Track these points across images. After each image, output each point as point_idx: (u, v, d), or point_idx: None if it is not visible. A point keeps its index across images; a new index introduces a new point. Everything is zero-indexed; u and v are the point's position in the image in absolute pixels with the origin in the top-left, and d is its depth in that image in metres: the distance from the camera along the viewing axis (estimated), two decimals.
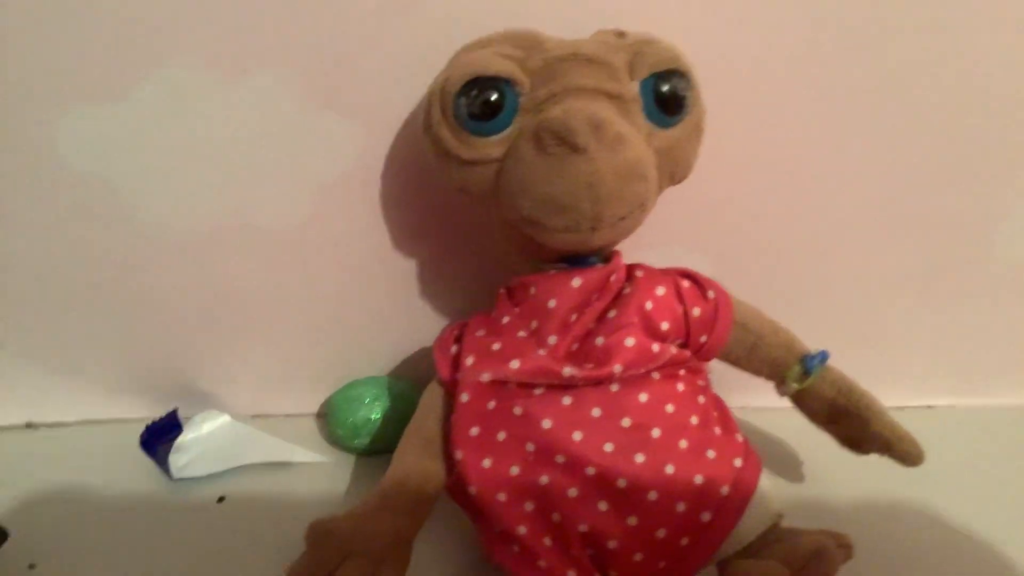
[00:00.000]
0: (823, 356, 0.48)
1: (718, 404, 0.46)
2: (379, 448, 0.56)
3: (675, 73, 0.42)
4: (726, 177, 0.54)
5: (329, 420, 0.58)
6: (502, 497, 0.41)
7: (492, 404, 0.42)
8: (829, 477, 0.54)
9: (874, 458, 0.49)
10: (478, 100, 0.40)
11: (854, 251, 0.59)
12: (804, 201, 0.57)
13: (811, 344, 0.49)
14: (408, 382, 0.59)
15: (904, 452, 0.46)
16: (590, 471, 0.40)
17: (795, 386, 0.48)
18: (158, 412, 0.60)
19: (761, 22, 0.52)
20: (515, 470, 0.41)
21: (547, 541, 0.40)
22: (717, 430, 0.43)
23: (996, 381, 0.64)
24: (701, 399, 0.44)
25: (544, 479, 0.40)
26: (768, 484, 0.43)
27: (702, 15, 0.51)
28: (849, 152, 0.56)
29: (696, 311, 0.46)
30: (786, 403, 0.51)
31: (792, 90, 0.54)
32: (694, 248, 0.58)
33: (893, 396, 0.48)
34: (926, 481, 0.48)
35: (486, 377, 0.42)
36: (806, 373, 0.48)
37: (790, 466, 0.56)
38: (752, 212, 0.58)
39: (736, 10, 0.51)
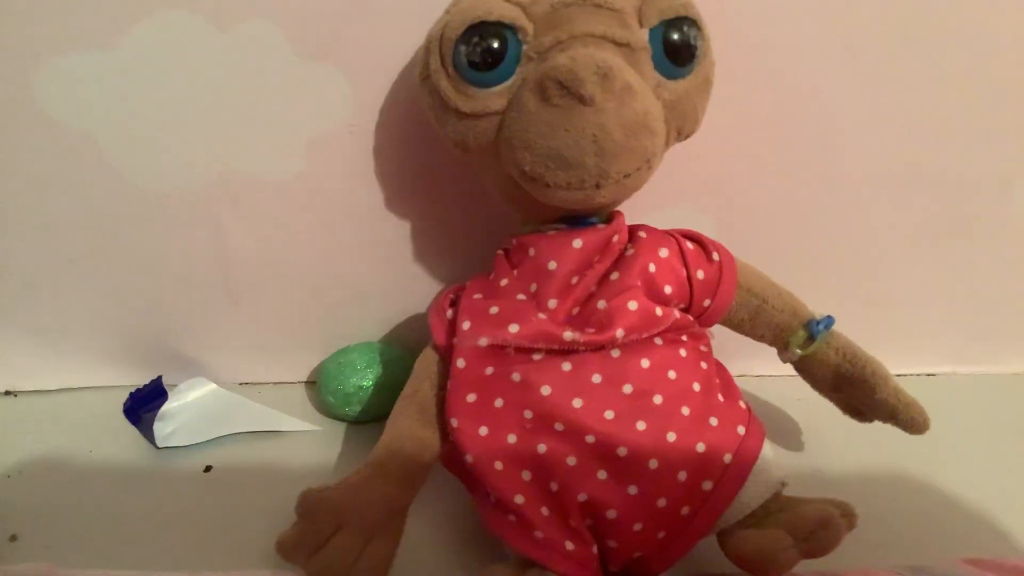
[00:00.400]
0: (828, 321, 0.47)
1: (720, 370, 0.45)
2: (371, 416, 0.55)
3: (686, 20, 0.40)
4: (729, 135, 0.53)
5: (320, 387, 0.57)
6: (499, 466, 0.39)
7: (489, 370, 0.41)
8: (830, 446, 0.53)
9: (876, 426, 0.48)
10: (479, 48, 0.38)
11: (860, 213, 0.58)
12: (809, 161, 0.56)
13: (812, 308, 0.48)
14: (401, 349, 0.58)
15: (910, 419, 0.45)
16: (590, 439, 0.39)
17: (799, 352, 0.47)
18: (141, 380, 0.58)
19: None
20: (512, 438, 0.40)
21: (545, 511, 0.39)
22: (720, 397, 0.42)
23: (998, 348, 0.63)
24: (704, 365, 0.43)
25: (542, 447, 0.39)
26: (771, 452, 0.42)
27: None
28: (857, 111, 0.54)
29: (700, 274, 0.44)
30: (787, 370, 0.50)
31: (801, 45, 0.52)
32: (695, 209, 0.57)
33: (894, 363, 0.47)
34: (928, 449, 0.48)
35: (483, 342, 0.41)
36: (811, 339, 0.47)
37: (791, 434, 0.55)
38: (756, 172, 0.56)
39: None
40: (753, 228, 0.57)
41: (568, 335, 0.40)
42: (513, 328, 0.41)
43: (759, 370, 0.58)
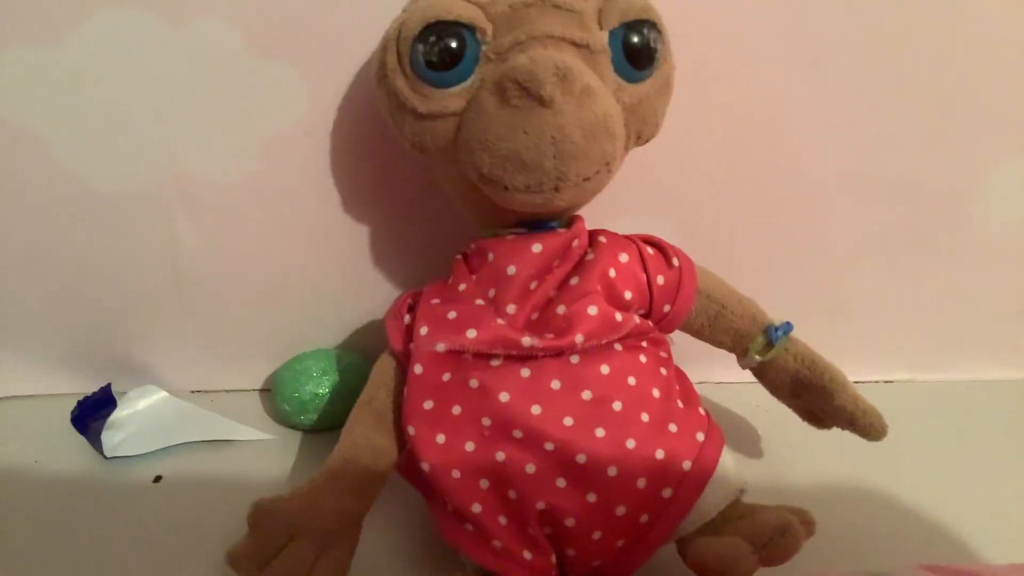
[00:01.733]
0: (787, 328, 0.47)
1: (680, 377, 0.45)
2: (327, 424, 0.54)
3: (646, 23, 0.39)
4: (690, 142, 0.53)
5: (275, 395, 0.56)
6: (456, 474, 0.39)
7: (447, 376, 0.40)
8: (789, 452, 0.53)
9: (834, 432, 0.48)
10: (437, 47, 0.38)
11: (819, 221, 0.58)
12: (769, 169, 0.56)
13: (771, 315, 0.48)
14: (358, 355, 0.57)
15: (867, 425, 0.45)
16: (549, 446, 0.38)
17: (758, 358, 0.47)
18: (89, 387, 0.57)
19: None
20: (470, 446, 0.39)
21: (502, 520, 0.39)
22: (679, 403, 0.42)
23: (954, 356, 0.63)
24: (663, 371, 0.43)
25: (500, 455, 0.38)
26: (730, 459, 0.42)
27: None
28: (819, 119, 0.55)
29: (660, 279, 0.44)
30: (746, 377, 0.50)
31: (762, 50, 0.52)
32: (656, 215, 0.56)
33: (852, 370, 0.47)
34: (885, 456, 0.48)
35: (441, 347, 0.40)
36: (769, 344, 0.47)
37: (750, 441, 0.55)
38: (716, 179, 0.56)
39: None
40: (713, 235, 0.57)
41: (527, 341, 0.39)
42: (471, 333, 0.40)
43: (718, 376, 0.58)
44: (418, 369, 0.41)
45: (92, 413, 0.54)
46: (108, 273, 0.55)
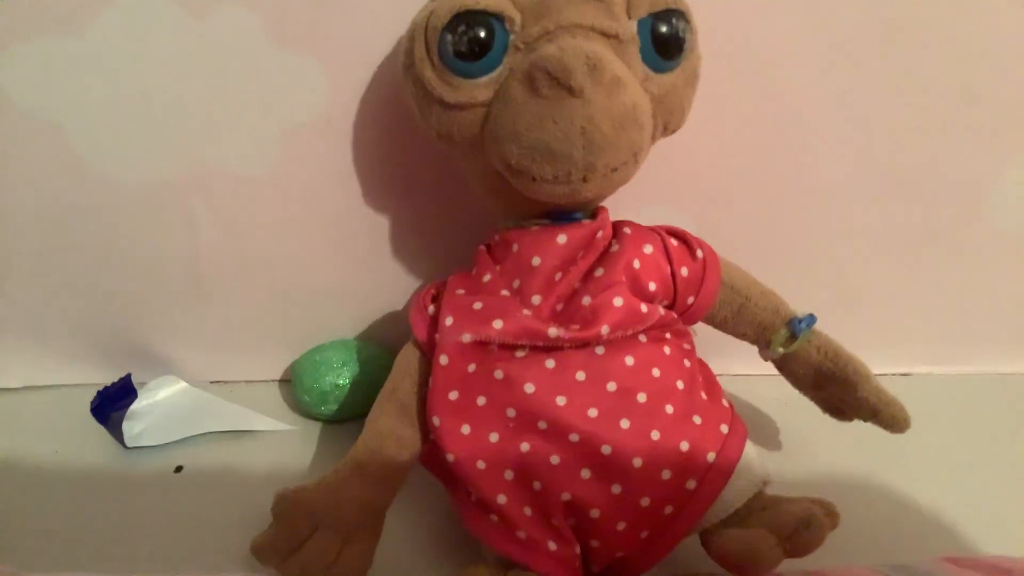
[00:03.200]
0: (810, 320, 0.46)
1: (703, 368, 0.45)
2: (347, 415, 0.55)
3: (675, 13, 0.39)
4: (710, 135, 0.52)
5: (295, 385, 0.56)
6: (481, 465, 0.39)
7: (472, 367, 0.40)
8: (809, 445, 0.53)
9: (854, 425, 0.48)
10: (465, 37, 0.38)
11: (837, 214, 0.58)
12: (789, 160, 0.56)
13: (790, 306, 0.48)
14: (377, 346, 0.57)
15: (891, 417, 0.45)
16: (573, 437, 0.38)
17: (781, 350, 0.47)
18: (109, 378, 0.57)
19: None
20: (495, 437, 0.39)
21: (527, 511, 0.39)
22: (703, 395, 0.42)
23: (974, 349, 0.63)
24: (687, 363, 0.43)
25: (525, 446, 0.38)
26: (753, 451, 0.42)
27: None
28: (836, 113, 0.54)
29: (684, 271, 0.44)
30: (765, 369, 0.50)
31: (783, 46, 0.52)
32: (675, 207, 0.56)
33: (871, 363, 0.47)
34: (905, 448, 0.48)
35: (467, 338, 0.40)
36: (792, 337, 0.46)
37: (770, 434, 0.55)
38: (735, 172, 0.56)
39: None
40: (731, 228, 0.56)
41: (553, 331, 0.39)
42: (497, 324, 0.40)
43: (737, 369, 0.58)
44: (443, 360, 0.41)
45: (112, 403, 0.55)
46: (127, 264, 0.55)
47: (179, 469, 0.50)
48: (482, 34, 0.38)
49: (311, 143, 0.52)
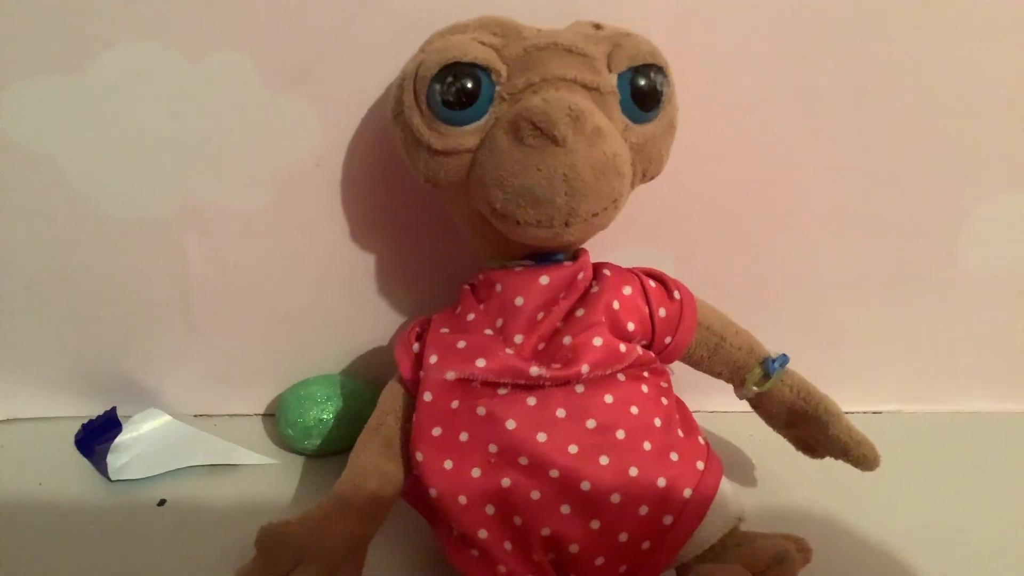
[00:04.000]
0: (783, 360, 0.48)
1: (680, 406, 0.46)
2: (330, 450, 0.55)
3: (653, 67, 0.41)
4: (687, 177, 0.54)
5: (279, 419, 0.56)
6: (463, 500, 0.40)
7: (455, 404, 0.41)
8: (782, 481, 0.54)
9: (826, 463, 0.49)
10: (453, 87, 0.39)
11: (811, 255, 0.60)
12: (764, 205, 0.58)
13: (765, 346, 0.49)
14: (361, 382, 0.57)
15: (861, 456, 0.46)
16: (554, 473, 0.39)
17: (755, 389, 0.48)
18: (92, 411, 0.57)
19: (729, 19, 0.52)
20: (477, 472, 0.40)
21: (507, 545, 0.39)
22: (680, 432, 0.43)
23: (944, 388, 0.65)
24: (664, 401, 0.44)
25: (506, 481, 0.39)
26: (729, 487, 0.43)
27: (670, 11, 0.51)
28: (814, 154, 0.56)
29: (662, 311, 0.45)
30: (740, 407, 0.51)
31: (758, 90, 0.54)
32: (654, 247, 0.58)
33: (841, 401, 0.48)
34: (875, 485, 0.49)
35: (451, 375, 0.41)
36: (766, 376, 0.48)
37: (744, 470, 0.56)
38: (712, 215, 0.58)
39: (703, 7, 0.51)
40: (707, 268, 0.58)
41: (535, 370, 0.40)
42: (480, 362, 0.41)
43: (713, 406, 0.59)
44: (427, 396, 0.42)
45: (97, 436, 0.55)
46: (115, 297, 0.56)
47: (163, 502, 0.50)
48: (469, 85, 0.39)
49: (301, 183, 0.53)
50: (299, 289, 0.57)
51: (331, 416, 0.54)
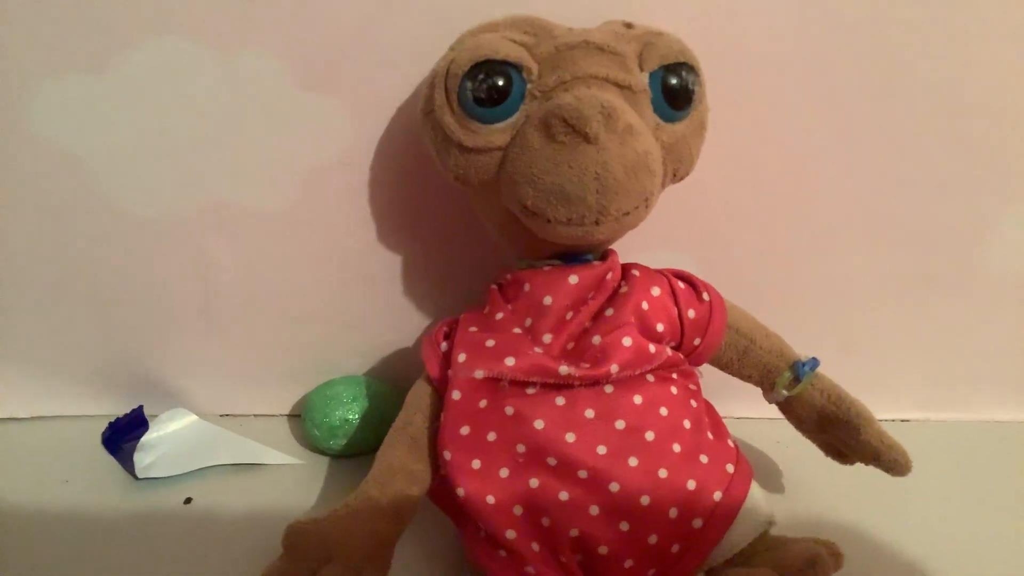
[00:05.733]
0: (814, 363, 0.47)
1: (709, 409, 0.46)
2: (354, 450, 0.55)
3: (684, 66, 0.41)
4: (713, 179, 0.54)
5: (305, 419, 0.56)
6: (491, 500, 0.39)
7: (483, 403, 0.41)
8: (809, 488, 0.53)
9: (854, 468, 0.49)
10: (484, 84, 0.39)
11: (836, 261, 0.59)
12: (790, 206, 0.57)
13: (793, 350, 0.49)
14: (386, 383, 0.58)
15: (892, 461, 0.46)
16: (582, 474, 0.39)
17: (784, 393, 0.48)
18: (118, 409, 0.58)
19: (754, 23, 0.52)
20: (505, 472, 0.40)
21: (535, 546, 0.39)
22: (709, 435, 0.43)
23: (971, 396, 0.64)
24: (693, 403, 0.43)
25: (534, 482, 0.39)
26: (759, 491, 0.42)
27: (698, 13, 0.51)
28: (838, 159, 0.56)
29: (691, 313, 0.45)
30: (764, 413, 0.51)
31: (784, 94, 0.54)
32: (679, 250, 0.57)
33: (869, 407, 0.48)
34: (903, 493, 0.48)
35: (480, 374, 0.41)
36: (796, 380, 0.47)
37: (772, 476, 0.55)
38: (737, 216, 0.57)
39: (727, 10, 0.51)
40: (730, 272, 0.57)
41: (564, 369, 0.40)
42: (509, 361, 0.41)
43: (739, 412, 0.59)
44: (456, 395, 0.42)
45: (124, 434, 0.55)
46: (142, 297, 0.56)
47: (188, 500, 0.50)
48: (500, 82, 0.39)
49: (328, 183, 0.53)
50: (324, 290, 0.57)
51: (356, 416, 0.54)
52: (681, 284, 0.46)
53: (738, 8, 0.51)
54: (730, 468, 0.41)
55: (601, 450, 0.39)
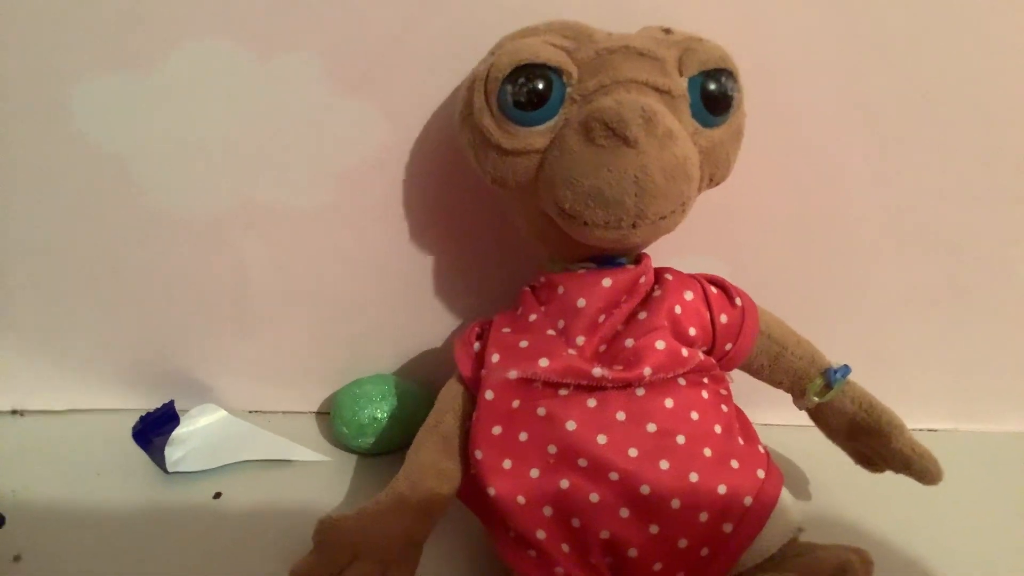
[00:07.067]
0: (845, 371, 0.47)
1: (739, 414, 0.46)
2: (382, 448, 0.55)
3: (724, 72, 0.41)
4: (747, 185, 0.53)
5: (334, 416, 0.56)
6: (521, 500, 0.40)
7: (516, 403, 0.41)
8: (838, 496, 0.53)
9: (883, 478, 0.49)
10: (525, 88, 0.40)
11: (867, 270, 0.59)
12: (823, 214, 0.57)
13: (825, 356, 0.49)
14: (415, 383, 0.58)
15: (923, 469, 0.45)
16: (613, 476, 0.39)
17: (815, 399, 0.48)
18: (148, 404, 0.58)
19: (791, 30, 0.52)
20: (535, 473, 0.40)
21: (565, 547, 0.39)
22: (740, 440, 0.43)
23: (999, 407, 0.64)
24: (724, 408, 0.43)
25: (565, 483, 0.39)
26: (789, 497, 0.42)
27: (733, 20, 0.51)
28: (871, 166, 0.56)
29: (723, 318, 0.45)
30: (792, 420, 0.51)
31: (819, 101, 0.54)
32: (711, 255, 0.57)
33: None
34: (933, 502, 0.48)
35: (513, 374, 0.41)
36: (828, 386, 0.47)
37: (800, 483, 0.55)
38: (770, 222, 0.57)
39: (765, 18, 0.51)
40: (761, 279, 0.57)
41: (597, 371, 0.40)
42: (543, 362, 0.41)
43: (769, 419, 0.58)
44: (489, 395, 0.42)
45: (155, 428, 0.55)
46: (176, 293, 0.57)
47: (218, 495, 0.51)
48: (541, 86, 0.40)
49: (362, 183, 0.54)
50: (355, 290, 0.57)
51: (385, 415, 0.55)
52: (714, 289, 0.46)
53: (774, 16, 0.51)
54: (761, 474, 0.41)
55: (632, 452, 0.39)
